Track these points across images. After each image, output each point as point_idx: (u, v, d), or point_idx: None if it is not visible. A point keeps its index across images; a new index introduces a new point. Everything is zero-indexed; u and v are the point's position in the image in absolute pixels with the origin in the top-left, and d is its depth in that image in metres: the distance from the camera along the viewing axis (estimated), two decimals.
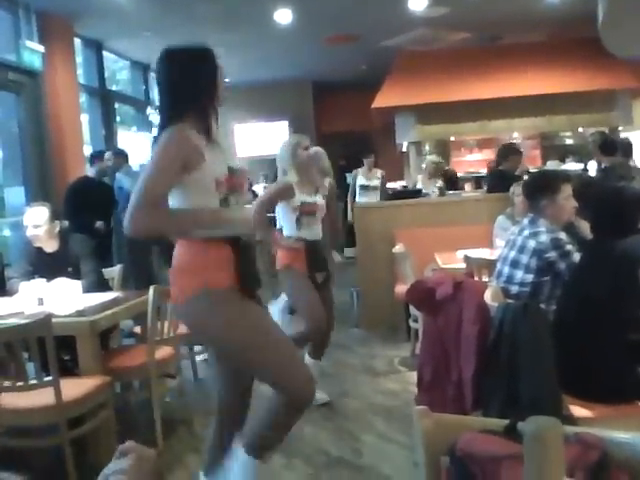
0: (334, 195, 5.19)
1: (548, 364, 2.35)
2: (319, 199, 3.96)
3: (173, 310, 3.16)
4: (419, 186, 7.24)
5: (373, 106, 9.52)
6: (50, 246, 3.81)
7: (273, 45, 8.83)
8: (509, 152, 6.01)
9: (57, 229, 3.81)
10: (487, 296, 2.74)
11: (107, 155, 6.31)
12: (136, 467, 1.04)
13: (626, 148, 5.90)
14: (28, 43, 6.37)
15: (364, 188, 7.72)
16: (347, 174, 9.57)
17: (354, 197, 7.75)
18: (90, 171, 6.30)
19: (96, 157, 6.33)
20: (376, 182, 7.74)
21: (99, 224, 5.89)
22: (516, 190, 4.73)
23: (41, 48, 6.52)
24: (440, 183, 7.35)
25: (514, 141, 10.14)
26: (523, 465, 0.97)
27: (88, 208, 5.83)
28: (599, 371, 2.48)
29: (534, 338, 2.38)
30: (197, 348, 4.67)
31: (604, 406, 2.44)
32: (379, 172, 7.87)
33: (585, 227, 3.27)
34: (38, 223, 3.72)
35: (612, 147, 5.82)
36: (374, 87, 9.57)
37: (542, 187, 3.08)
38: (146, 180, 2.03)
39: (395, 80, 9.57)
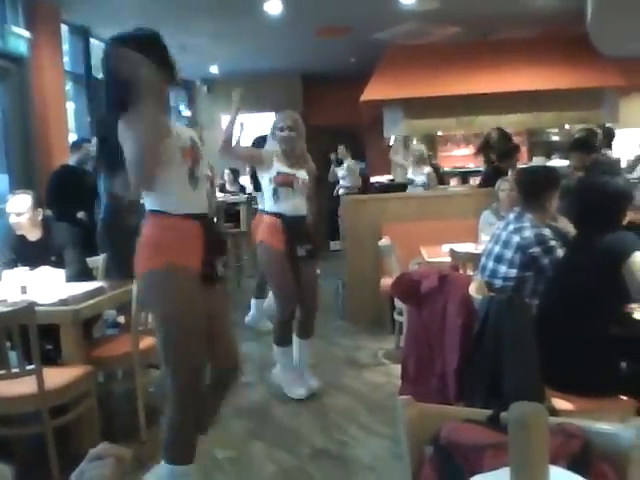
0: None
1: (531, 357, 2.37)
2: (301, 174, 3.93)
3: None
4: (410, 176, 7.31)
5: (361, 99, 9.51)
6: (33, 234, 3.77)
7: (262, 36, 8.77)
8: (513, 152, 6.11)
9: (40, 217, 3.77)
10: (472, 289, 2.75)
11: (93, 141, 6.21)
12: (116, 474, 1.02)
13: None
14: (14, 28, 6.28)
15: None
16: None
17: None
18: (71, 159, 6.20)
19: (77, 145, 6.22)
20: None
21: (81, 214, 5.82)
22: (501, 185, 4.75)
23: (27, 34, 6.43)
24: (428, 169, 7.41)
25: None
26: (506, 454, 0.98)
27: (70, 197, 5.75)
28: (581, 365, 2.50)
29: (518, 331, 2.39)
30: None
31: (585, 399, 2.46)
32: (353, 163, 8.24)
33: (564, 223, 3.31)
34: (21, 211, 3.68)
35: (592, 145, 5.84)
36: (363, 80, 9.54)
37: (548, 182, 3.13)
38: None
39: (384, 74, 9.55)
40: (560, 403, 2.46)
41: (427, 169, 7.40)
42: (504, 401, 1.04)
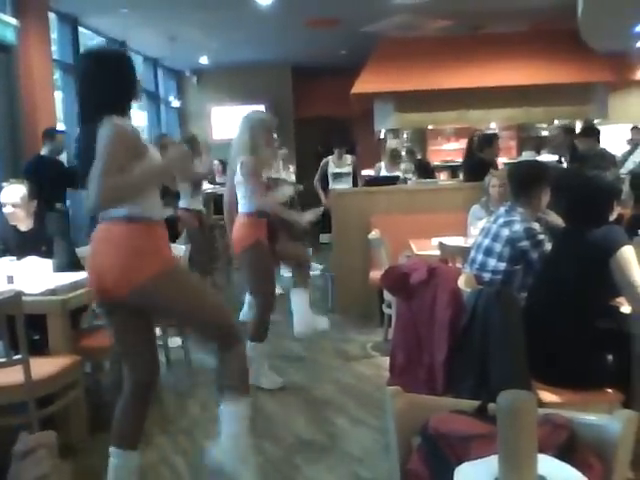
0: None
1: (519, 350, 2.38)
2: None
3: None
4: (383, 173, 7.30)
5: (352, 92, 9.50)
6: (25, 225, 3.75)
7: (253, 27, 8.74)
8: (491, 140, 6.09)
9: (34, 208, 3.76)
10: (460, 282, 2.76)
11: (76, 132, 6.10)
12: (53, 463, 1.01)
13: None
14: (1, 16, 6.21)
15: (337, 175, 7.74)
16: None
17: (327, 184, 7.78)
18: (43, 150, 6.05)
19: (50, 135, 6.04)
20: (347, 169, 7.78)
21: (59, 206, 5.71)
22: (492, 180, 4.73)
23: (15, 21, 6.36)
24: (404, 166, 7.40)
25: (489, 130, 10.20)
26: (493, 444, 0.98)
27: (48, 188, 5.59)
28: (568, 358, 2.52)
29: (506, 324, 2.40)
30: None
31: (572, 392, 2.49)
32: (349, 158, 7.89)
33: (553, 216, 3.33)
34: (17, 202, 3.67)
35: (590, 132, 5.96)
36: (354, 73, 9.54)
37: (539, 177, 3.15)
38: (104, 165, 2.19)
39: (375, 66, 9.55)
40: (547, 395, 2.48)
41: (403, 165, 7.41)
42: (491, 393, 1.05)
